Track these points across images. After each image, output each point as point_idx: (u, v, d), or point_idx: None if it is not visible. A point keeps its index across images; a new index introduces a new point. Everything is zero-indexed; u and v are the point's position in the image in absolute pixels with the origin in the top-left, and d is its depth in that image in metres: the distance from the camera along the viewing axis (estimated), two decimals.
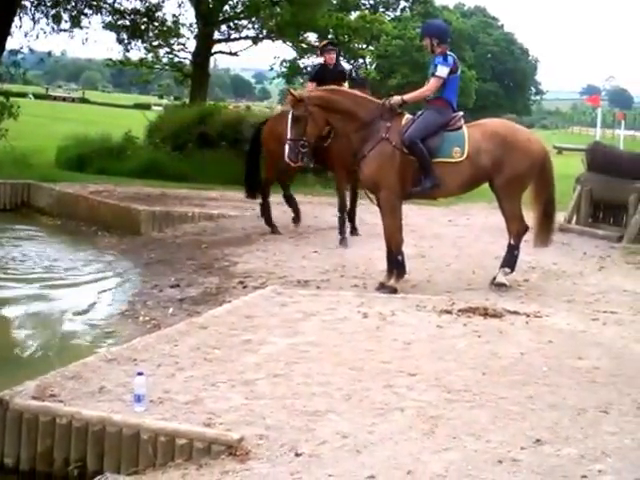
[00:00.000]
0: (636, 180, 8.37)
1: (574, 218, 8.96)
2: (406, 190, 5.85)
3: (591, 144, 9.88)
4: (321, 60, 7.82)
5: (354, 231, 7.84)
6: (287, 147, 5.85)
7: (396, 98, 5.88)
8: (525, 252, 6.33)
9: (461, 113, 5.98)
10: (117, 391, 3.52)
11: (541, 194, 6.10)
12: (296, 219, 8.22)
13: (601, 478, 2.91)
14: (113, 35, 15.41)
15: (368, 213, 7.72)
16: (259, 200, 8.19)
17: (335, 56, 7.54)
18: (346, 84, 7.18)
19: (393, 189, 5.79)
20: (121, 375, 3.71)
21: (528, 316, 5.05)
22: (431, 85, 5.84)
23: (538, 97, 57.76)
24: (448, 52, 5.89)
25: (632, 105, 76.67)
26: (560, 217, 8.72)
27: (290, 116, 5.90)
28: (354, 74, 7.41)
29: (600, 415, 3.47)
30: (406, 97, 5.92)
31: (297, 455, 3.00)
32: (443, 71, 5.78)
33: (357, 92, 6.18)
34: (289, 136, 5.83)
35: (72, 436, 3.23)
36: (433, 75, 5.83)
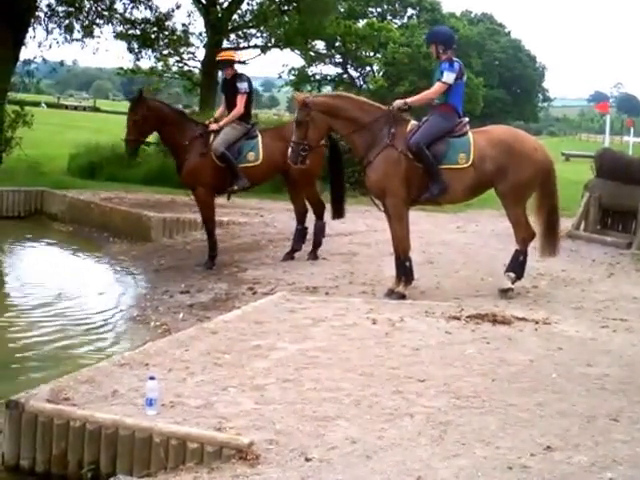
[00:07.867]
0: None
1: (582, 225, 8.95)
2: (412, 196, 5.88)
3: (600, 150, 9.87)
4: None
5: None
6: (290, 149, 5.95)
7: (398, 102, 5.91)
8: (534, 259, 6.33)
9: (467, 119, 6.00)
10: (129, 395, 3.55)
11: (544, 203, 6.10)
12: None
13: None
14: (124, 44, 15.61)
15: (376, 220, 7.74)
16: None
17: (231, 71, 7.23)
18: (239, 97, 7.04)
19: (400, 195, 5.82)
20: (133, 379, 3.74)
21: (537, 323, 5.05)
22: (435, 89, 5.86)
23: (545, 104, 57.68)
24: (454, 58, 5.93)
25: None
26: (568, 224, 8.73)
27: (294, 119, 6.04)
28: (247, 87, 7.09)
29: (610, 423, 3.47)
30: (409, 100, 5.95)
31: (307, 460, 3.02)
32: (449, 77, 5.81)
33: (362, 98, 6.21)
34: (292, 139, 5.93)
35: (85, 439, 3.27)
36: (439, 81, 5.85)
